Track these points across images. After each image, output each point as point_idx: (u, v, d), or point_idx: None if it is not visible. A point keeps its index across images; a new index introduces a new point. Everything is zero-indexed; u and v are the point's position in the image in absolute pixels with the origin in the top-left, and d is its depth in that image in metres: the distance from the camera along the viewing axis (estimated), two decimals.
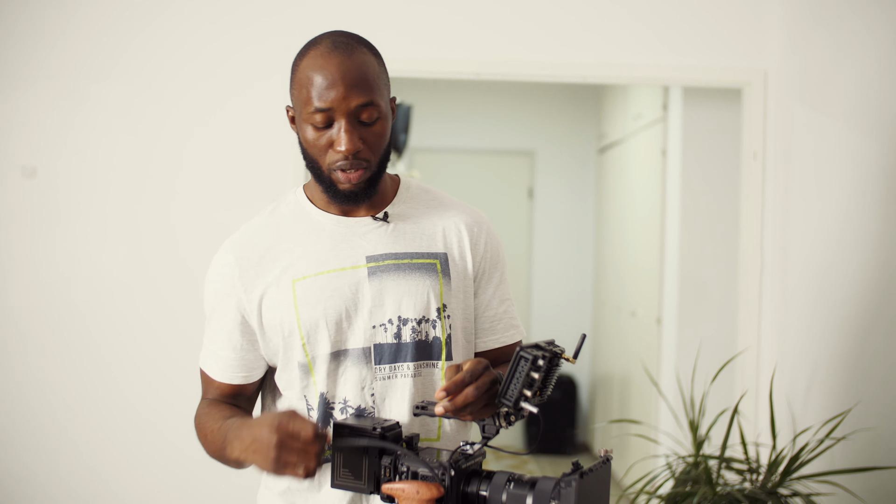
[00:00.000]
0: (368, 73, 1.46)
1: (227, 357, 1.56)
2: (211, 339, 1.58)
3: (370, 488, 1.37)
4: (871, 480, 2.48)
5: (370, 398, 1.51)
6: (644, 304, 4.57)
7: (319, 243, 1.53)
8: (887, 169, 2.54)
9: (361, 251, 1.53)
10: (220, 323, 1.56)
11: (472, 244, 1.59)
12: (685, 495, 2.52)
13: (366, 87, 1.45)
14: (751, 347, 3.32)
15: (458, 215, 1.61)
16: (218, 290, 1.56)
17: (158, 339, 3.26)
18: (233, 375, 1.56)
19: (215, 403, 1.57)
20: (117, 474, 3.26)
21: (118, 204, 3.27)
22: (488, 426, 1.36)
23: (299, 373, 1.53)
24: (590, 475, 1.23)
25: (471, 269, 1.59)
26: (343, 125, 1.44)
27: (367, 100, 1.45)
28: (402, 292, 1.52)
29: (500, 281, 1.63)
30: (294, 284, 1.51)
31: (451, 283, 1.56)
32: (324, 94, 1.43)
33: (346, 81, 1.44)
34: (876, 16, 2.67)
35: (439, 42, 3.30)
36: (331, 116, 1.45)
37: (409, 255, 1.54)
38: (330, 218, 1.56)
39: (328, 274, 1.51)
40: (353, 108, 1.44)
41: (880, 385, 2.52)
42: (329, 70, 1.44)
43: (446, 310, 1.54)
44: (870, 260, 2.61)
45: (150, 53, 3.27)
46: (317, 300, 1.50)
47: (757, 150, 3.35)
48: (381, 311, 1.51)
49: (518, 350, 1.31)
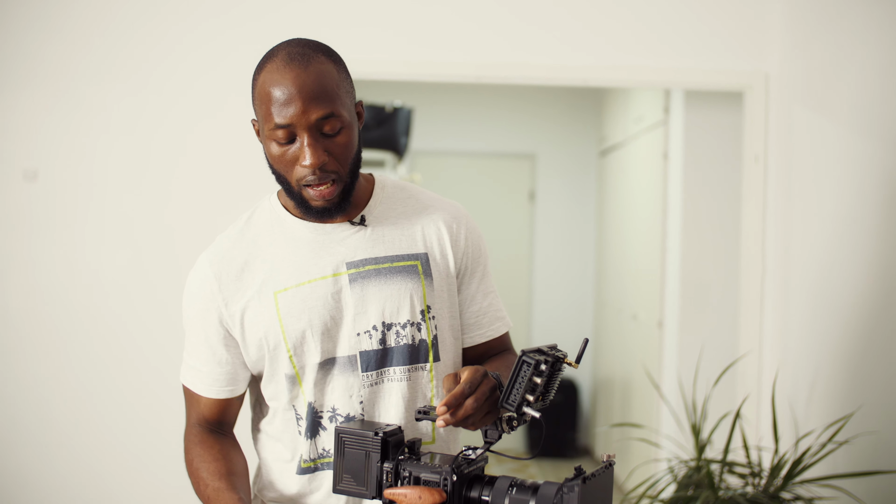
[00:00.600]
0: (327, 84, 1.41)
1: (213, 372, 1.54)
2: (192, 355, 1.56)
3: (372, 493, 1.37)
4: (873, 484, 2.47)
5: (359, 405, 1.50)
6: (645, 308, 4.57)
7: (298, 252, 1.51)
8: (889, 171, 2.53)
9: (341, 258, 1.51)
10: (202, 338, 1.54)
11: (452, 241, 1.57)
12: (687, 500, 2.52)
13: (325, 99, 1.40)
14: (753, 351, 3.31)
15: (435, 213, 1.59)
16: (197, 305, 1.53)
17: (157, 342, 3.26)
18: (220, 390, 1.55)
19: (205, 441, 1.55)
20: (116, 476, 3.26)
21: (118, 207, 3.27)
22: (491, 431, 1.35)
23: (287, 384, 1.52)
24: (592, 480, 1.23)
25: (452, 266, 1.57)
26: (306, 140, 1.41)
27: (328, 111, 1.41)
28: (384, 297, 1.50)
29: (483, 274, 1.62)
30: (276, 296, 1.49)
31: (434, 284, 1.55)
32: (282, 110, 1.39)
33: (304, 95, 1.39)
34: (877, 18, 2.66)
35: (440, 45, 3.30)
36: (292, 132, 1.41)
37: (390, 259, 1.52)
38: (307, 226, 1.53)
39: (310, 284, 1.49)
40: (313, 121, 1.40)
41: (883, 388, 2.52)
42: (285, 85, 1.40)
43: (430, 311, 1.53)
44: (871, 263, 2.61)
45: (146, 55, 3.27)
46: (300, 311, 1.48)
47: (758, 154, 3.34)
48: (365, 318, 1.50)
49: (521, 355, 1.31)
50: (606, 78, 3.42)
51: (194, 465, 1.53)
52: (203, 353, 1.54)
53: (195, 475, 1.52)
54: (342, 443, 1.39)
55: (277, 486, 1.57)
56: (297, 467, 1.54)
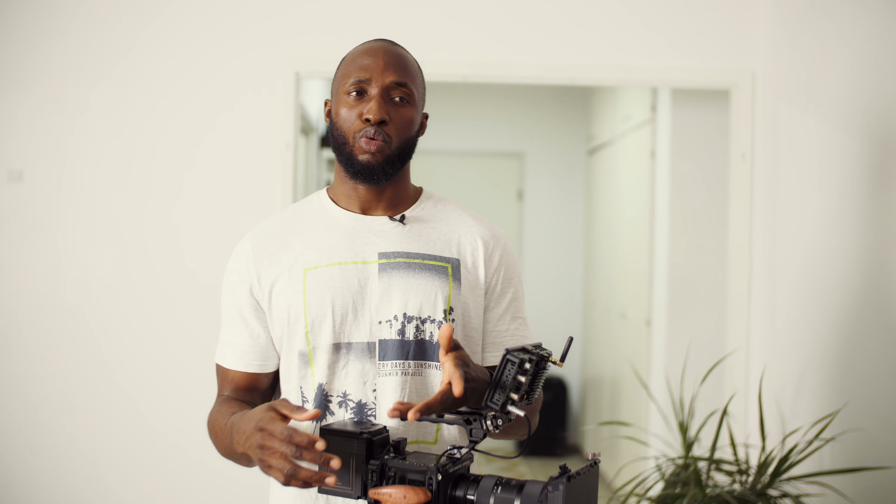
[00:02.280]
0: (407, 64, 1.57)
1: (244, 344, 1.57)
2: (227, 331, 1.60)
3: (357, 493, 1.36)
4: (860, 481, 2.48)
5: (372, 393, 1.51)
6: (633, 306, 4.57)
7: (335, 237, 1.56)
8: (875, 168, 2.54)
9: (374, 247, 1.55)
10: (236, 311, 1.58)
11: (486, 256, 1.61)
12: (675, 497, 2.52)
13: (402, 71, 1.55)
14: (740, 349, 3.32)
15: (475, 227, 1.63)
16: (234, 278, 1.58)
17: (147, 342, 3.25)
18: (248, 363, 1.57)
19: (227, 401, 1.56)
20: (115, 477, 3.25)
21: (105, 208, 3.26)
22: (475, 430, 1.35)
23: (298, 362, 1.53)
24: (577, 478, 1.23)
25: (482, 280, 1.60)
26: (375, 95, 1.52)
27: (402, 80, 1.54)
28: (409, 290, 1.53)
29: (513, 298, 1.64)
30: (305, 273, 1.53)
31: (462, 289, 1.57)
32: (364, 65, 1.53)
33: (386, 59, 1.54)
34: (862, 15, 2.67)
35: (428, 44, 3.29)
36: (365, 89, 1.53)
37: (422, 256, 1.56)
38: (348, 215, 1.59)
39: (340, 266, 1.53)
40: (387, 82, 1.53)
41: (869, 385, 2.53)
42: (373, 51, 1.56)
43: (452, 313, 1.55)
44: (857, 260, 2.61)
45: (137, 56, 3.26)
46: (325, 289, 1.52)
47: (745, 151, 3.35)
48: (388, 306, 1.52)
49: (505, 353, 1.31)
50: (594, 77, 3.42)
51: (212, 420, 1.53)
52: (237, 327, 1.58)
53: (213, 429, 1.52)
54: (327, 442, 1.39)
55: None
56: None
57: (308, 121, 4.66)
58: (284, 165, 3.26)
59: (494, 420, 1.33)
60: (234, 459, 1.50)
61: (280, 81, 3.26)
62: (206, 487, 3.25)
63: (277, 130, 3.27)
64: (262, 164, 3.27)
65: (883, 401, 2.45)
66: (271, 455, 1.31)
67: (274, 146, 3.26)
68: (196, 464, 3.22)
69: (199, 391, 3.01)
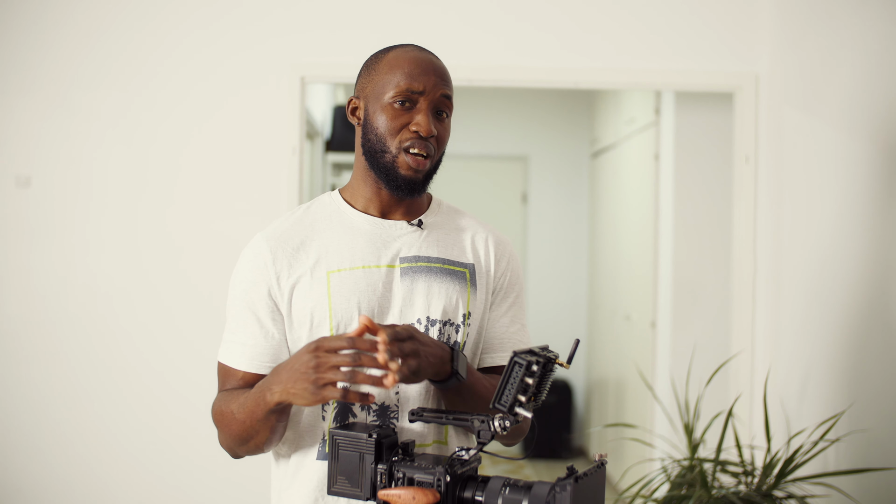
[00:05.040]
0: (449, 77, 1.60)
1: (257, 345, 1.54)
2: (236, 332, 1.55)
3: (367, 495, 1.38)
4: (865, 482, 2.49)
5: (394, 395, 1.53)
6: (638, 308, 4.58)
7: (355, 240, 1.56)
8: (879, 171, 2.55)
9: (395, 251, 1.56)
10: (250, 312, 1.54)
11: (496, 258, 1.64)
12: (680, 499, 2.53)
13: (449, 85, 1.58)
14: (745, 350, 3.33)
15: (485, 231, 1.66)
16: (248, 279, 1.55)
17: (154, 346, 3.26)
18: (260, 365, 1.54)
19: (234, 389, 1.54)
20: (116, 480, 3.26)
21: (113, 212, 3.27)
22: (483, 432, 1.36)
23: None
24: (584, 479, 1.24)
25: (492, 282, 1.63)
26: (425, 109, 1.53)
27: (449, 94, 1.57)
28: (432, 293, 1.55)
29: (514, 302, 1.66)
30: (329, 276, 1.53)
31: (477, 294, 1.60)
32: (419, 77, 1.53)
33: (438, 73, 1.56)
34: (866, 18, 2.68)
35: (432, 47, 3.27)
36: (415, 100, 1.53)
37: (441, 261, 1.58)
38: (366, 219, 1.59)
39: (364, 269, 1.54)
40: (438, 96, 1.55)
41: (874, 386, 2.53)
42: (424, 60, 1.56)
43: (469, 318, 1.57)
44: (863, 261, 2.62)
45: (143, 60, 3.28)
46: (350, 292, 1.52)
47: (749, 154, 3.36)
48: (411, 310, 1.54)
49: (512, 356, 1.32)
50: (598, 80, 3.44)
51: (220, 405, 1.52)
52: (250, 327, 1.54)
53: (222, 412, 1.51)
54: (336, 445, 1.40)
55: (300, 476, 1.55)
56: (319, 453, 1.53)
57: (313, 125, 4.68)
58: (290, 170, 3.27)
59: (502, 421, 1.34)
60: (245, 438, 1.48)
61: (286, 86, 3.28)
62: (206, 491, 3.26)
63: (283, 135, 3.28)
64: (268, 169, 3.28)
65: (888, 402, 2.46)
66: (328, 369, 1.34)
67: (280, 151, 3.28)
68: (197, 468, 3.24)
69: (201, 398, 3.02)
